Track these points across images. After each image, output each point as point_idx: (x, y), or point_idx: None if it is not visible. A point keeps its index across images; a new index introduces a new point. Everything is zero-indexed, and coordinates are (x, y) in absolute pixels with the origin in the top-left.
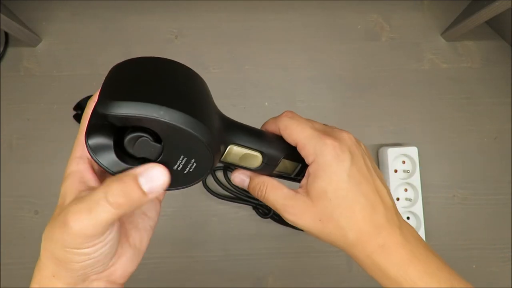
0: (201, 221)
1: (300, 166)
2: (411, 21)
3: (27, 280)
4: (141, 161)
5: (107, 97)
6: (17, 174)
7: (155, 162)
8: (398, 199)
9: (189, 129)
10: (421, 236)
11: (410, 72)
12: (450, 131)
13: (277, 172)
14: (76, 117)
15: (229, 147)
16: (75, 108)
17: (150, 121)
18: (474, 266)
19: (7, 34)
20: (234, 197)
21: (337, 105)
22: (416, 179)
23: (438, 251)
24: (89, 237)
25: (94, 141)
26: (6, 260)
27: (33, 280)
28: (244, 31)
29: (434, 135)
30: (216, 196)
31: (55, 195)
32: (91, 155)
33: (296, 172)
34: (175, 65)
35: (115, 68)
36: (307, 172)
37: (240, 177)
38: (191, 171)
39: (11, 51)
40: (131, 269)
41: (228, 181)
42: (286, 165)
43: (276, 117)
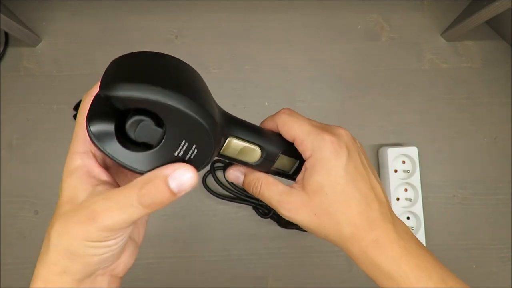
0: (201, 221)
1: (298, 163)
2: (411, 21)
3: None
4: (143, 147)
5: (110, 80)
6: (17, 174)
7: (156, 147)
8: (398, 199)
9: (193, 113)
10: (421, 236)
11: (410, 72)
12: (450, 131)
13: (275, 168)
14: (76, 117)
15: (229, 140)
16: (75, 108)
17: (154, 103)
18: (474, 266)
19: (7, 34)
20: (234, 197)
21: (337, 105)
22: (416, 179)
23: (438, 251)
24: (116, 231)
25: (96, 128)
26: (6, 260)
27: (36, 278)
28: (244, 31)
29: (434, 135)
30: (216, 196)
31: (55, 195)
32: (95, 143)
33: (294, 169)
34: (174, 58)
35: (116, 59)
36: (303, 167)
37: (235, 173)
38: (192, 157)
39: (11, 51)
40: (131, 262)
41: (228, 181)
42: (284, 161)
43: (274, 115)
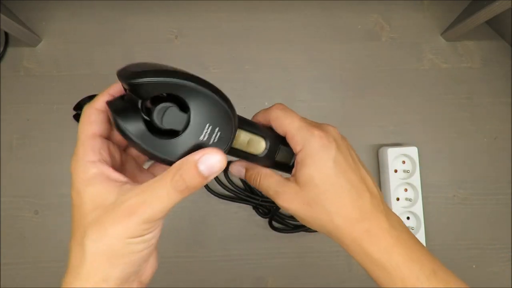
0: (201, 221)
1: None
2: (411, 21)
3: (27, 280)
4: (169, 134)
5: (136, 71)
6: (17, 174)
7: (183, 132)
8: (398, 199)
9: (216, 95)
10: (421, 236)
11: (410, 72)
12: (450, 131)
13: (278, 161)
14: (76, 117)
15: (237, 131)
16: (75, 108)
17: (182, 86)
18: (474, 266)
19: (7, 34)
20: (234, 197)
21: (337, 105)
22: (416, 179)
23: (438, 251)
24: (154, 223)
25: (130, 126)
26: (6, 260)
27: None
28: (244, 31)
29: (434, 135)
30: (216, 196)
31: (55, 195)
32: (133, 139)
33: (293, 160)
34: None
35: (127, 65)
36: (295, 161)
37: (237, 168)
38: (216, 141)
39: (11, 51)
40: (156, 266)
41: (228, 180)
42: (284, 153)
43: (266, 109)
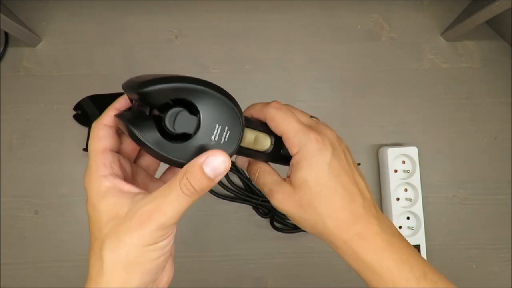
0: (201, 221)
1: None
2: (411, 21)
3: (27, 280)
4: (181, 138)
5: (145, 81)
6: (17, 174)
7: (195, 134)
8: (398, 199)
9: (224, 96)
10: (421, 236)
11: (410, 72)
12: (450, 131)
13: (284, 154)
14: (76, 117)
15: (244, 130)
16: (75, 108)
17: (192, 90)
18: (474, 266)
19: (7, 34)
20: (234, 197)
21: (337, 105)
22: (416, 179)
23: (438, 251)
24: (168, 228)
25: (146, 135)
26: (6, 260)
27: None
28: (244, 31)
29: (434, 135)
30: (216, 195)
31: (55, 195)
32: (150, 146)
33: None
34: None
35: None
36: (290, 163)
37: (243, 159)
38: (227, 140)
39: (11, 51)
40: (172, 273)
41: (228, 180)
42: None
43: (263, 105)
